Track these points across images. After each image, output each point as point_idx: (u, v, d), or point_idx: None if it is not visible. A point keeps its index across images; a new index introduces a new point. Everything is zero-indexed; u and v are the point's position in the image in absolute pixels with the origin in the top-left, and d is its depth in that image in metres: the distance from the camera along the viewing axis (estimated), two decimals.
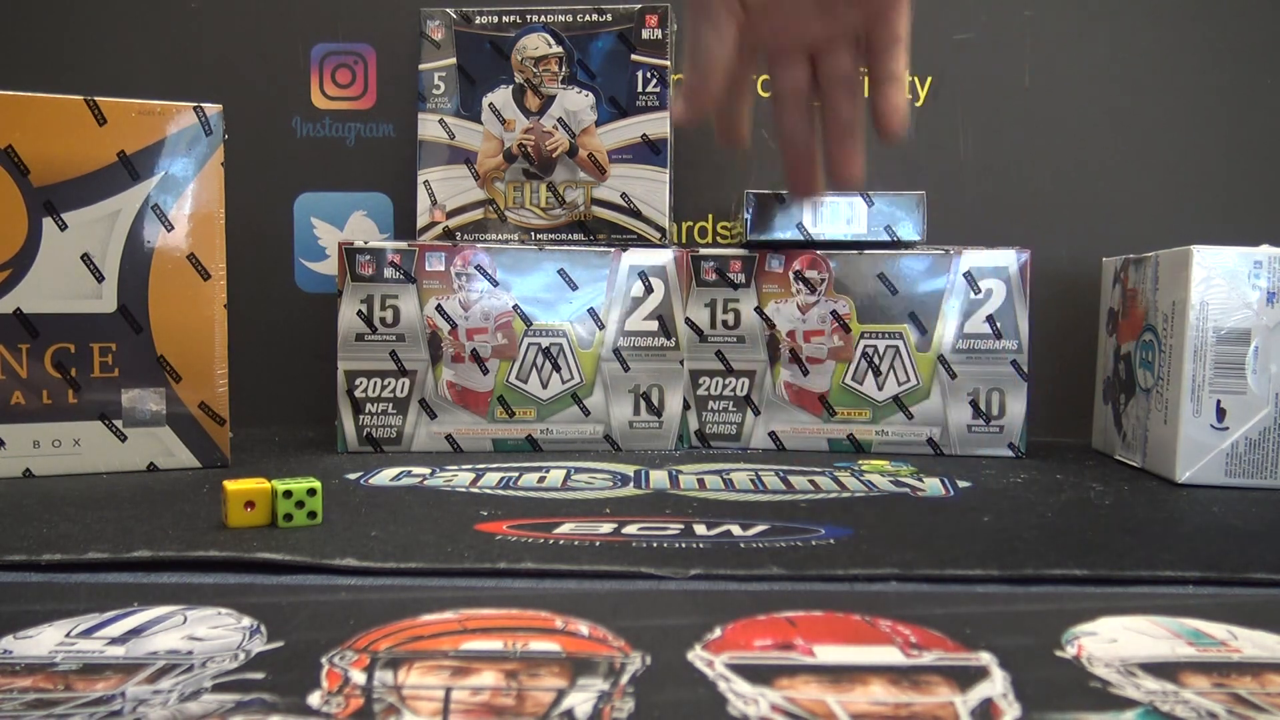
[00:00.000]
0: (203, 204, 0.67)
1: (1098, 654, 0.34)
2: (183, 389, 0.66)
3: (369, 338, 0.74)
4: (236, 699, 0.30)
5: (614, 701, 0.30)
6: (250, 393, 0.84)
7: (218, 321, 0.67)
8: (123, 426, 0.65)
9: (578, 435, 0.76)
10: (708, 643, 0.35)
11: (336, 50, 0.91)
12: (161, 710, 0.29)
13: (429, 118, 0.82)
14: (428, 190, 0.82)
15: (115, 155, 0.64)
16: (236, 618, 0.37)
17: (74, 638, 0.35)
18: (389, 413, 0.74)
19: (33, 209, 0.63)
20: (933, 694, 0.31)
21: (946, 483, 0.64)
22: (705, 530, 0.50)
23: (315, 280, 0.92)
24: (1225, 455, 0.65)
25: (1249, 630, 0.37)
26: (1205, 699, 0.31)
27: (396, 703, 0.30)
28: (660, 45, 0.80)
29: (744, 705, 0.30)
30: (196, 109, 0.66)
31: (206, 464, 0.67)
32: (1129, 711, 0.30)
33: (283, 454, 0.73)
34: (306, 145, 0.92)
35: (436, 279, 0.74)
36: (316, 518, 0.51)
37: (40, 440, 0.64)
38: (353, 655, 0.34)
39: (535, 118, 0.81)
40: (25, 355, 0.63)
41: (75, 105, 0.63)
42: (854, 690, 0.31)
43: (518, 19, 0.81)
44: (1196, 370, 0.65)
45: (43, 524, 0.51)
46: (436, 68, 0.82)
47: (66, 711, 0.29)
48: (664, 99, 0.80)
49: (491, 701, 0.30)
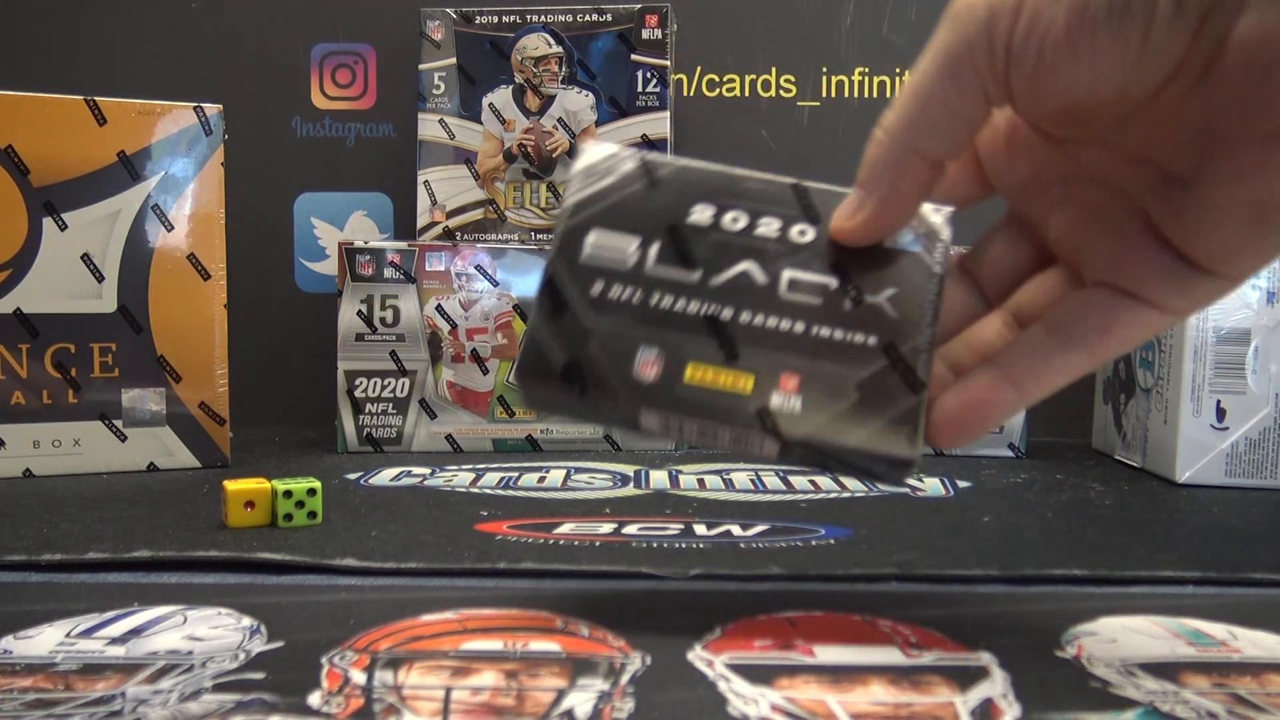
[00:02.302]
0: (203, 204, 0.67)
1: (1098, 654, 0.34)
2: (183, 389, 0.66)
3: (369, 338, 0.74)
4: (236, 699, 0.30)
5: (614, 701, 0.30)
6: (250, 393, 0.84)
7: (218, 321, 0.67)
8: (123, 426, 0.65)
9: (578, 435, 0.76)
10: (708, 643, 0.35)
11: (336, 50, 0.91)
12: (161, 710, 0.29)
13: (429, 118, 0.82)
14: (428, 190, 0.82)
15: (115, 155, 0.64)
16: (236, 618, 0.37)
17: (74, 638, 0.35)
18: (389, 413, 0.74)
19: (33, 209, 0.63)
20: (933, 694, 0.31)
21: (946, 483, 0.64)
22: (705, 530, 0.50)
23: (315, 280, 0.92)
24: (1225, 455, 0.65)
25: (1249, 630, 0.37)
26: (1205, 699, 0.31)
27: (396, 703, 0.30)
28: (660, 45, 0.80)
29: (744, 705, 0.30)
30: (196, 109, 0.66)
31: (206, 464, 0.67)
32: (1129, 711, 0.30)
33: (283, 454, 0.73)
34: (306, 145, 0.92)
35: (436, 279, 0.74)
36: (316, 518, 0.51)
37: (40, 440, 0.64)
38: (353, 655, 0.34)
39: (535, 118, 0.81)
40: (25, 355, 0.63)
41: (75, 105, 0.63)
42: (854, 690, 0.31)
43: (518, 19, 0.81)
44: (1196, 370, 0.65)
45: (43, 524, 0.51)
46: (436, 68, 0.82)
47: (66, 711, 0.29)
48: (664, 99, 0.80)
49: (491, 701, 0.30)
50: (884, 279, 0.35)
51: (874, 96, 0.89)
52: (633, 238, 0.35)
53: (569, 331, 0.34)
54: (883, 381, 0.33)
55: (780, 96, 0.89)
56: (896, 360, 0.34)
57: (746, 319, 0.34)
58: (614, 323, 0.34)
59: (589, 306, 0.35)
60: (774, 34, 0.89)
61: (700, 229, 0.36)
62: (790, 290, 0.35)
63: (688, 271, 0.35)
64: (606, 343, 0.34)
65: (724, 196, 0.36)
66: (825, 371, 0.34)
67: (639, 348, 0.34)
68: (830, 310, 0.34)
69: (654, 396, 0.33)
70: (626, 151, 0.37)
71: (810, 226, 0.36)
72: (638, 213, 0.36)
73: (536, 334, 0.34)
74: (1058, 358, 0.33)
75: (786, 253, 0.35)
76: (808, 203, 0.36)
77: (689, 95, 0.89)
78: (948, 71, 0.31)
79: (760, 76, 0.89)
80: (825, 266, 0.35)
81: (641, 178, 0.37)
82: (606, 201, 0.36)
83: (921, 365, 0.34)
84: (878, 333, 0.34)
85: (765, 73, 0.89)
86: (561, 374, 0.34)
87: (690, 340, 0.34)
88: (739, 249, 0.35)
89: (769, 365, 0.34)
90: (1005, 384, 0.34)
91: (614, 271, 0.35)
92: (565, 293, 0.35)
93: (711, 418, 0.33)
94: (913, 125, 0.32)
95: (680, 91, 0.89)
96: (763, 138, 0.89)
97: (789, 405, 0.33)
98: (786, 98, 0.89)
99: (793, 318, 0.34)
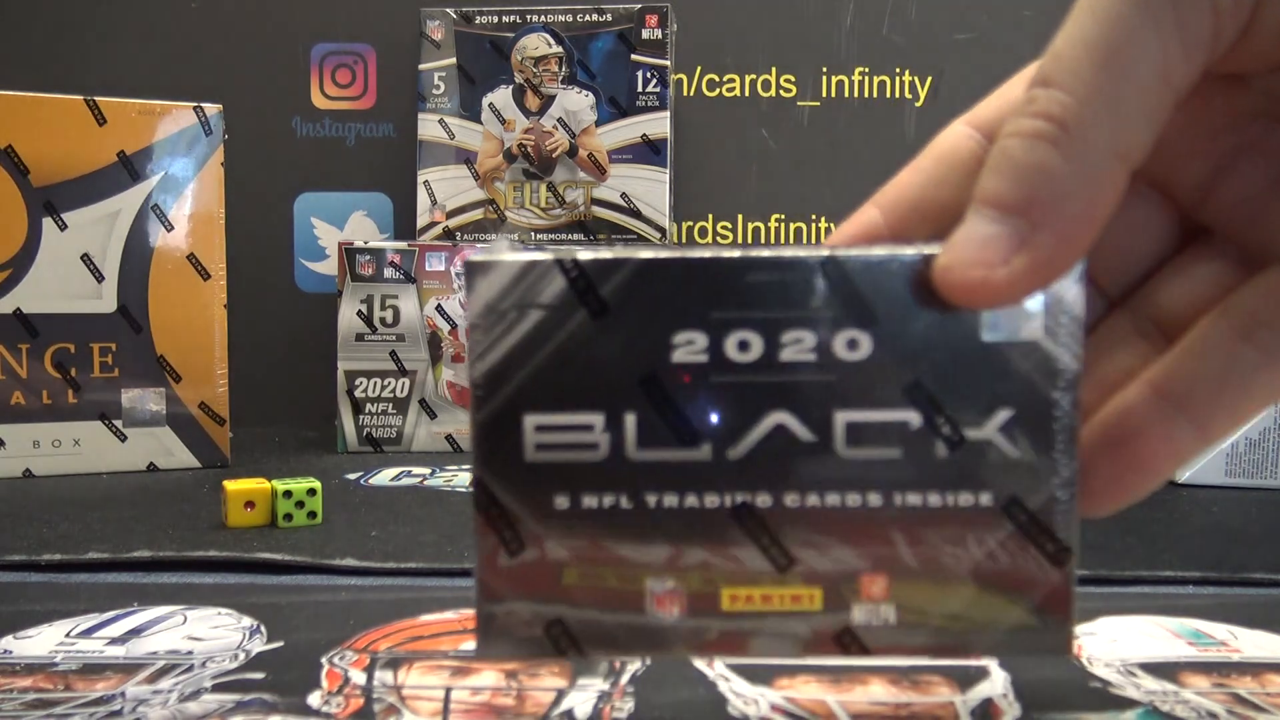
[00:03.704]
0: (203, 204, 0.67)
1: (1098, 654, 0.34)
2: (183, 389, 0.66)
3: (369, 338, 0.74)
4: (236, 699, 0.30)
5: (614, 701, 0.30)
6: (250, 393, 0.84)
7: (218, 321, 0.67)
8: (123, 426, 0.65)
9: None
10: None
11: (336, 50, 0.91)
12: (161, 710, 0.29)
13: (429, 118, 0.82)
14: (428, 190, 0.82)
15: (115, 155, 0.64)
16: (236, 618, 0.37)
17: (74, 638, 0.35)
18: (389, 413, 0.74)
19: (32, 209, 0.63)
20: (933, 694, 0.31)
21: None
22: None
23: (315, 280, 0.92)
24: (1225, 455, 0.65)
25: (1249, 630, 0.37)
26: (1205, 699, 0.31)
27: (396, 703, 0.30)
28: (660, 45, 0.80)
29: (744, 705, 0.30)
30: (196, 109, 0.66)
31: (206, 464, 0.67)
32: (1129, 711, 0.30)
33: (283, 454, 0.73)
34: (306, 145, 0.92)
35: (436, 279, 0.74)
36: (316, 518, 0.51)
37: (40, 440, 0.64)
38: (353, 655, 0.34)
39: (535, 118, 0.81)
40: (25, 355, 0.63)
41: (75, 105, 0.63)
42: (854, 690, 0.31)
43: (518, 19, 0.81)
44: None
45: (43, 524, 0.51)
46: (436, 68, 0.82)
47: (66, 711, 0.29)
48: (664, 99, 0.80)
49: (491, 701, 0.30)
50: (988, 395, 0.23)
51: (874, 96, 0.89)
52: (593, 412, 0.23)
53: (537, 577, 0.24)
54: (1010, 556, 0.23)
55: (780, 96, 0.89)
56: (1026, 522, 0.23)
57: (794, 502, 0.23)
58: (600, 550, 0.24)
59: (556, 533, 0.23)
60: (774, 34, 0.89)
61: (695, 374, 0.23)
62: (852, 444, 0.23)
63: (691, 447, 0.23)
64: (597, 584, 0.24)
65: (718, 308, 0.23)
66: (924, 559, 0.23)
67: (645, 582, 0.24)
68: (917, 463, 0.23)
69: (685, 639, 0.24)
70: (540, 258, 0.23)
71: (862, 332, 0.23)
72: (590, 369, 0.23)
73: (491, 588, 0.24)
74: (1260, 373, 0.22)
75: (834, 383, 0.23)
76: (850, 289, 0.23)
77: (689, 95, 0.89)
78: (1168, 5, 0.20)
79: (760, 76, 0.89)
80: (897, 394, 0.23)
81: (577, 304, 0.23)
82: (535, 360, 0.23)
83: (1061, 521, 0.23)
84: (993, 485, 0.23)
85: (765, 73, 0.89)
86: (545, 635, 0.24)
87: (718, 553, 0.23)
88: (761, 393, 0.23)
89: (840, 567, 0.23)
90: (1178, 420, 0.23)
91: (580, 470, 0.23)
92: (515, 518, 0.23)
93: (774, 653, 0.24)
94: (1117, 110, 0.20)
95: (680, 91, 0.89)
96: (762, 137, 0.89)
97: (879, 618, 0.23)
98: (786, 98, 0.89)
99: (862, 487, 0.23)
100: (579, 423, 0.23)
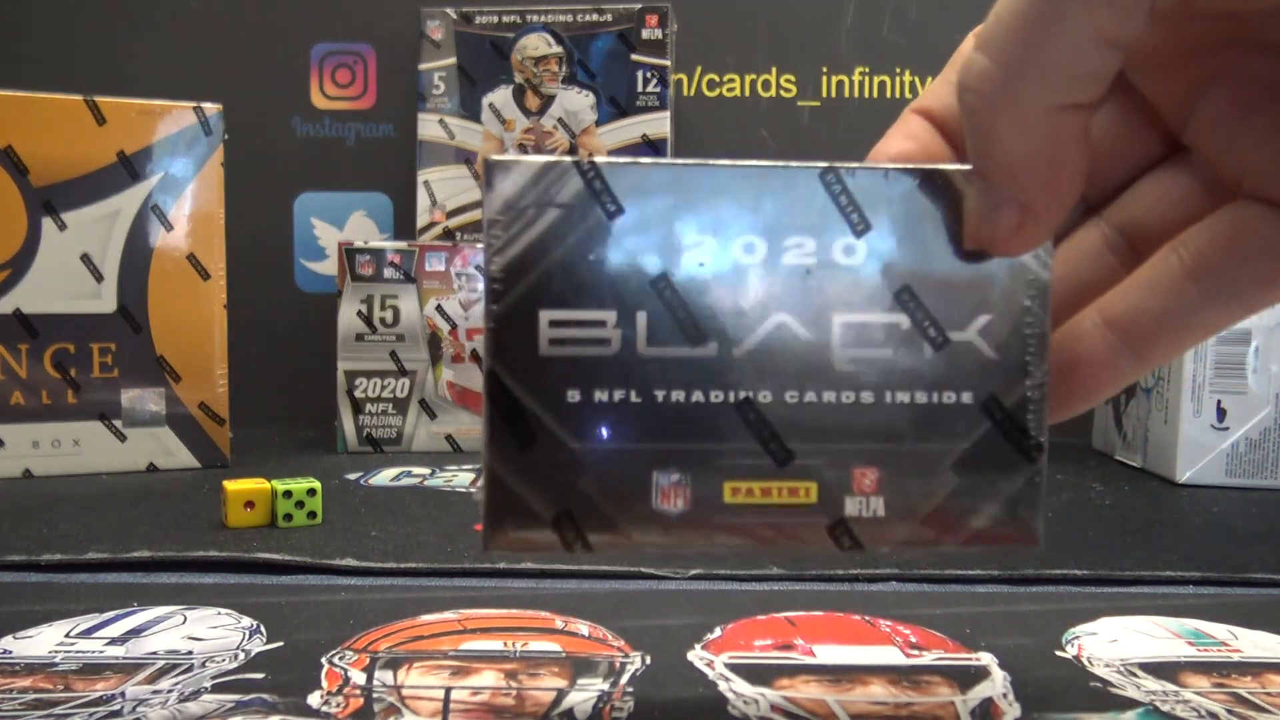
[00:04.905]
0: (203, 204, 0.66)
1: (1098, 654, 0.34)
2: (183, 389, 0.66)
3: (369, 338, 0.74)
4: (236, 699, 0.30)
5: (614, 701, 0.30)
6: (250, 393, 0.84)
7: (218, 321, 0.67)
8: (122, 426, 0.65)
9: None
10: (708, 643, 0.35)
11: (336, 50, 0.91)
12: (161, 710, 0.29)
13: (429, 118, 0.82)
14: (428, 190, 0.82)
15: (115, 155, 0.64)
16: (236, 618, 0.37)
17: (74, 638, 0.35)
18: (389, 413, 0.74)
19: (32, 209, 0.63)
20: (933, 694, 0.31)
21: None
22: None
23: (315, 280, 0.92)
24: (1225, 455, 0.65)
25: (1249, 630, 0.37)
26: (1205, 699, 0.31)
27: (396, 703, 0.30)
28: (660, 45, 0.80)
29: (744, 705, 0.30)
30: (196, 109, 0.66)
31: (206, 464, 0.67)
32: (1129, 711, 0.30)
33: (283, 454, 0.73)
34: (306, 145, 0.91)
35: (436, 279, 0.74)
36: (316, 518, 0.51)
37: (40, 440, 0.63)
38: (353, 655, 0.34)
39: (535, 118, 0.81)
40: (25, 355, 0.63)
41: (75, 105, 0.63)
42: (854, 690, 0.31)
43: (518, 19, 0.81)
44: (1197, 370, 0.65)
45: (43, 524, 0.51)
46: (436, 68, 0.82)
47: (66, 711, 0.29)
48: (664, 99, 0.80)
49: (491, 701, 0.30)
50: (971, 302, 0.25)
51: (874, 96, 0.89)
52: (607, 309, 0.25)
53: (548, 468, 0.25)
54: (987, 452, 0.25)
55: (780, 96, 0.89)
56: (1002, 419, 0.25)
57: (793, 398, 0.25)
58: (609, 443, 0.25)
59: (568, 425, 0.25)
60: (774, 34, 0.89)
61: (703, 273, 0.25)
62: (847, 344, 0.25)
63: (698, 344, 0.25)
64: (605, 475, 0.25)
65: (727, 212, 0.25)
66: (909, 454, 0.25)
67: (651, 474, 0.25)
68: (905, 362, 0.25)
69: (686, 531, 0.25)
70: (559, 159, 0.25)
71: (856, 239, 0.25)
72: (604, 267, 0.24)
73: (500, 478, 0.25)
74: (1200, 314, 0.24)
75: (832, 285, 0.25)
76: (847, 199, 0.25)
77: (689, 95, 0.89)
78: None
79: (760, 76, 0.89)
80: (887, 297, 0.25)
81: (594, 204, 0.24)
82: (552, 257, 0.24)
83: (1034, 419, 0.25)
84: (973, 384, 0.25)
85: (765, 73, 0.89)
86: (552, 528, 0.25)
87: (721, 446, 0.25)
88: (765, 293, 0.25)
89: (834, 461, 0.25)
90: (1121, 351, 0.25)
91: (593, 364, 0.25)
92: (528, 410, 0.24)
93: (772, 544, 0.25)
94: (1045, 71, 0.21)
95: (680, 91, 0.89)
96: (762, 137, 0.89)
97: (869, 510, 0.25)
98: (786, 98, 0.89)
99: (856, 385, 0.25)
100: (592, 319, 0.25)
